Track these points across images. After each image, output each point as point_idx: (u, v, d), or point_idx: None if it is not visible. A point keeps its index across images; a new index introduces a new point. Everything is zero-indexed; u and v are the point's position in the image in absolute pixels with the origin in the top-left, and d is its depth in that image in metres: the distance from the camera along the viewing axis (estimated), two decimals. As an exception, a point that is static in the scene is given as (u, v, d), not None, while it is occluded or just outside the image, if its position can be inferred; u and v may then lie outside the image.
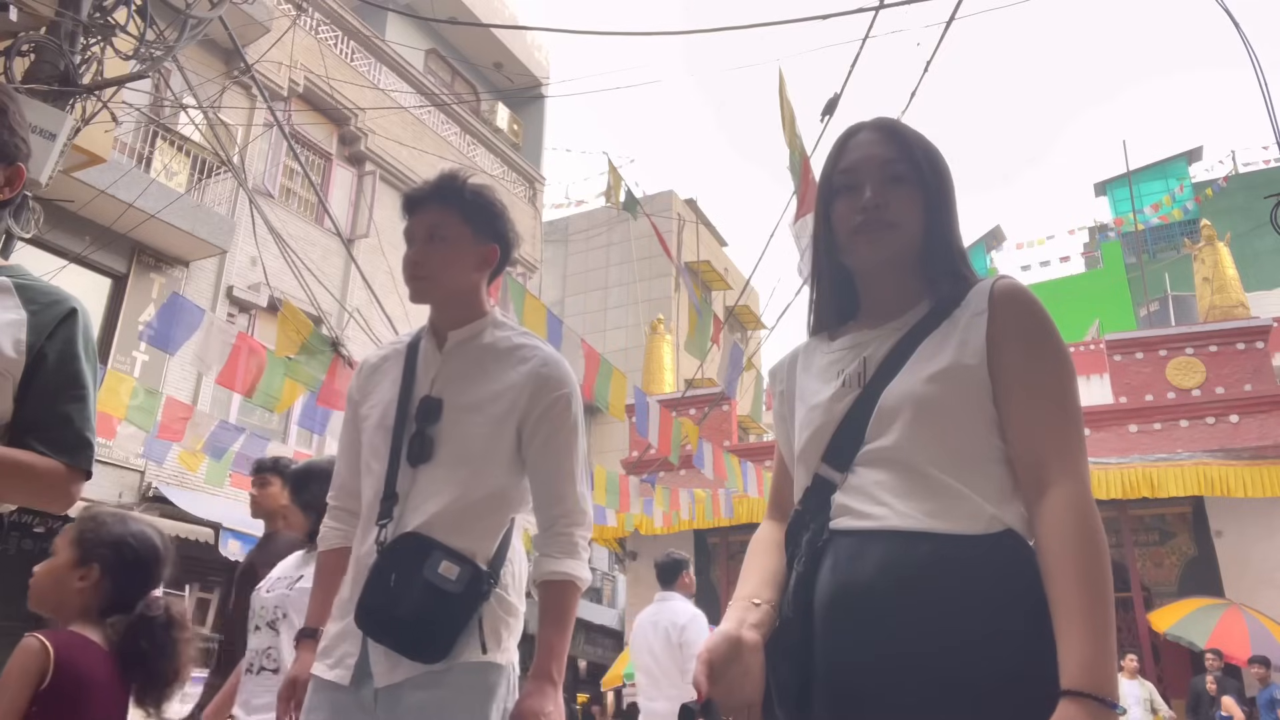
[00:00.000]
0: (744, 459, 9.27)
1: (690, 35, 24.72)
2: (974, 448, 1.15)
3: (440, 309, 1.83)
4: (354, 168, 13.96)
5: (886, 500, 1.14)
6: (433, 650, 1.60)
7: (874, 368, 1.25)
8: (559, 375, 1.77)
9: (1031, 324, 1.18)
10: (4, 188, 1.39)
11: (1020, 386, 1.15)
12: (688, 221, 23.96)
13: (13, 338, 1.31)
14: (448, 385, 1.77)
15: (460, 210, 1.79)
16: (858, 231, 1.28)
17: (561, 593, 1.70)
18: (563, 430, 1.75)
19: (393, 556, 1.64)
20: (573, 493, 1.74)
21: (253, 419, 11.04)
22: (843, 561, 1.14)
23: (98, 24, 4.86)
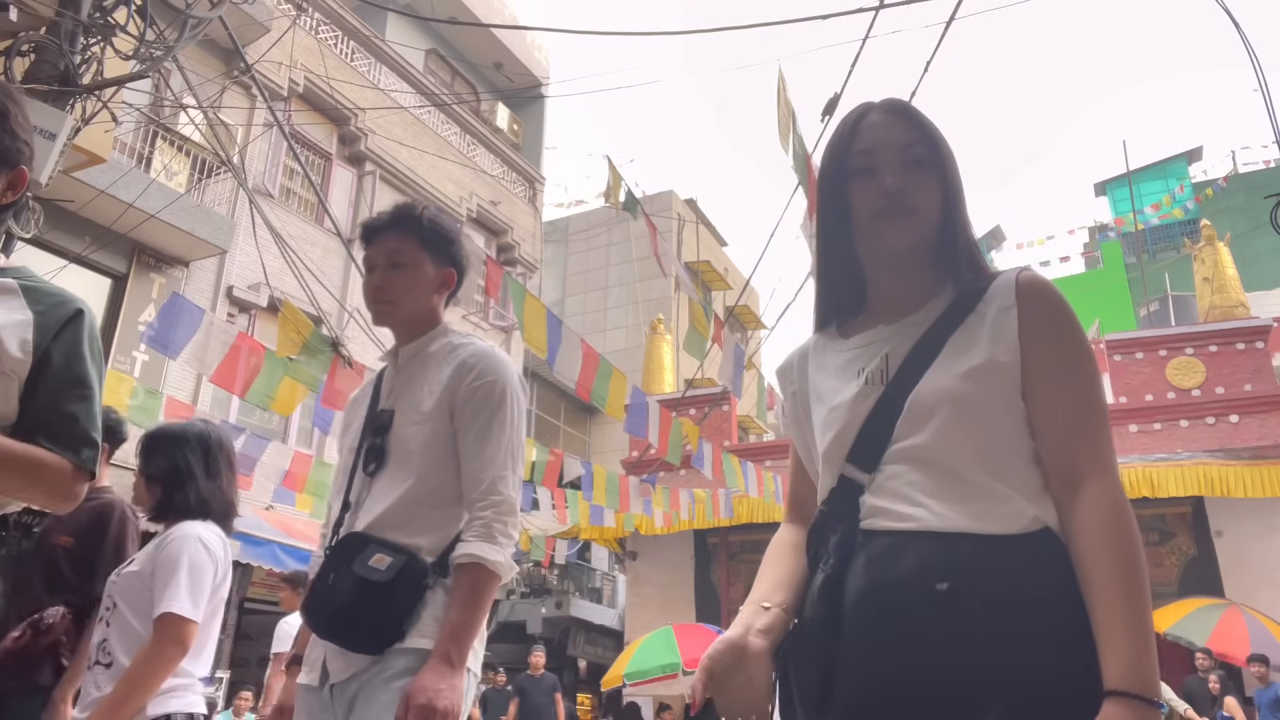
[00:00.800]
0: (744, 459, 9.28)
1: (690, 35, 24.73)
2: (1008, 446, 1.13)
3: (401, 330, 1.93)
4: (354, 168, 13.96)
5: (922, 501, 1.11)
6: (367, 640, 1.64)
7: (897, 364, 1.21)
8: (485, 364, 1.82)
9: (1059, 319, 1.15)
10: (7, 191, 1.39)
11: (1050, 382, 1.13)
12: (688, 221, 23.96)
13: (19, 338, 1.32)
14: (398, 396, 1.87)
15: (419, 237, 1.89)
16: (879, 217, 1.23)
17: (469, 575, 1.66)
18: (483, 414, 1.77)
19: (334, 556, 1.72)
20: (490, 476, 1.74)
21: (253, 419, 11.04)
22: (878, 563, 1.11)
23: (98, 24, 4.86)
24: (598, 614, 18.80)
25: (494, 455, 1.76)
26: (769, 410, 7.41)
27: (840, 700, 1.09)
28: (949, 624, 1.03)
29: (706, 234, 25.61)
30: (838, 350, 1.31)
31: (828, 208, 1.30)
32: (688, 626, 11.96)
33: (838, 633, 1.10)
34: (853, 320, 1.33)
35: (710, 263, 23.96)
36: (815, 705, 1.11)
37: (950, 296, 1.24)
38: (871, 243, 1.26)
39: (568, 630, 17.89)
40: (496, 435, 1.77)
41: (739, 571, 13.51)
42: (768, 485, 9.53)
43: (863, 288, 1.32)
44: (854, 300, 1.33)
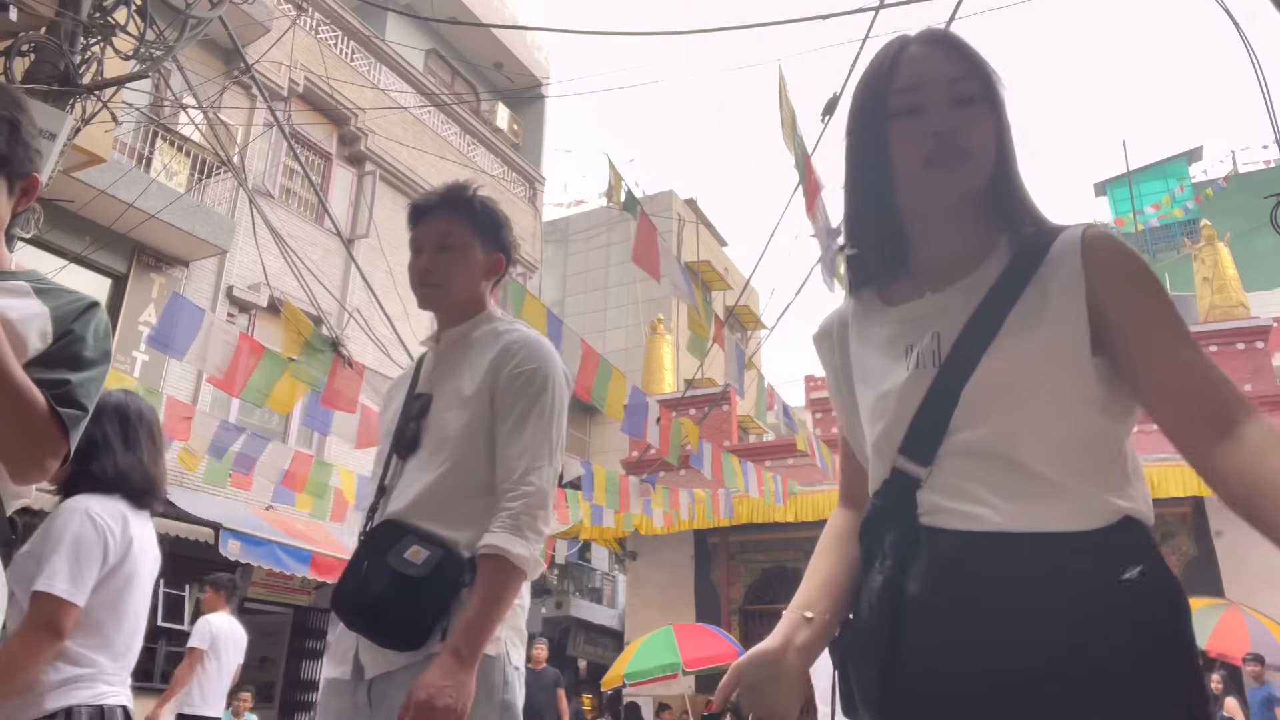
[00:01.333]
0: (744, 459, 9.27)
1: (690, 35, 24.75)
2: (1079, 432, 1.02)
3: (446, 315, 1.87)
4: (354, 168, 13.96)
5: (987, 499, 1.01)
6: (399, 636, 1.57)
7: (950, 343, 1.08)
8: (529, 351, 1.75)
9: (1139, 276, 1.03)
10: (22, 199, 1.43)
11: (1158, 344, 1.00)
12: (688, 221, 23.96)
13: (39, 329, 1.35)
14: (437, 381, 1.81)
15: (470, 220, 1.83)
16: (931, 163, 1.08)
17: (491, 568, 1.57)
18: (522, 402, 1.70)
19: (368, 544, 1.65)
20: (524, 466, 1.65)
21: (253, 419, 11.04)
22: (942, 566, 1.02)
23: (98, 24, 4.86)
24: (598, 614, 18.81)
25: (530, 444, 1.67)
26: (768, 410, 7.40)
27: (904, 700, 1.03)
28: (1018, 627, 0.96)
29: (706, 234, 25.60)
30: (881, 321, 1.18)
31: (863, 155, 1.15)
32: (688, 626, 11.95)
33: (899, 635, 1.03)
34: (895, 283, 1.19)
35: (710, 263, 23.96)
36: (878, 703, 1.06)
37: (1006, 256, 1.10)
38: (918, 193, 1.12)
39: (568, 630, 17.91)
40: (534, 424, 1.69)
41: (739, 571, 13.51)
42: (768, 485, 9.53)
43: (904, 245, 1.18)
44: (895, 259, 1.18)
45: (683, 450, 7.36)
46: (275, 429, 11.33)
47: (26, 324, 1.33)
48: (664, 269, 5.01)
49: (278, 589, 11.50)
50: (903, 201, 1.14)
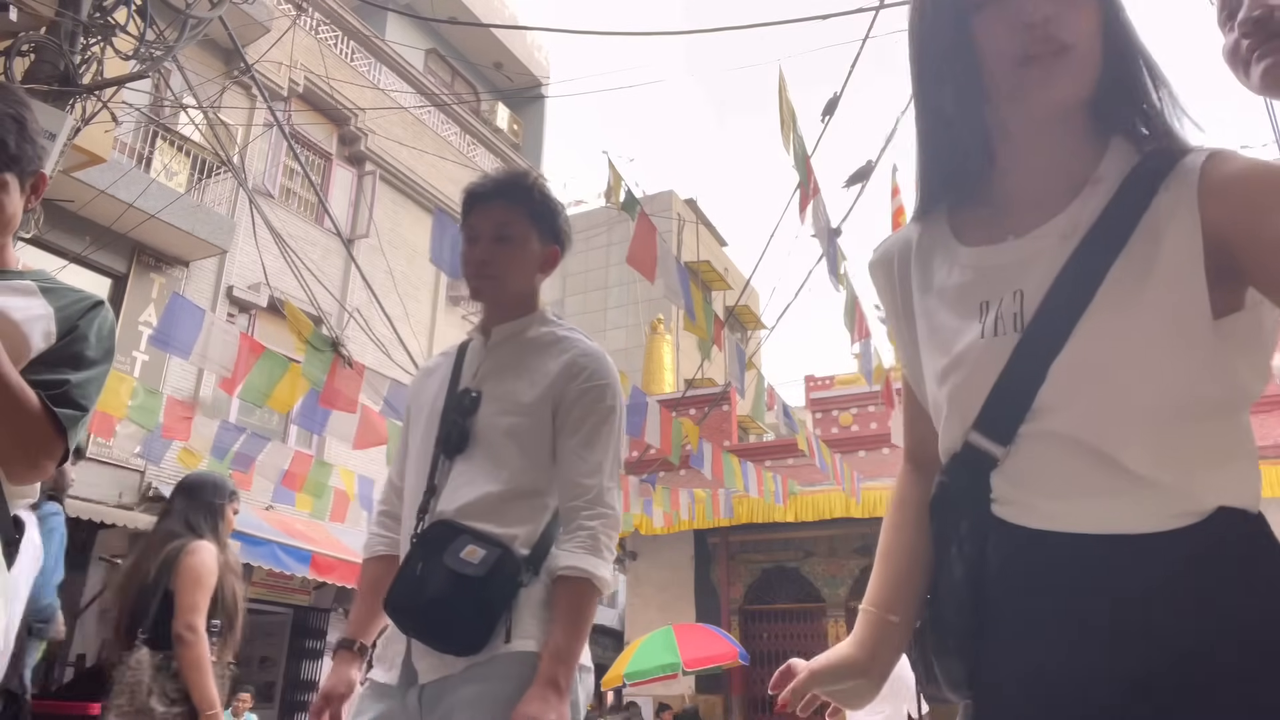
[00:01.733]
0: (744, 459, 9.28)
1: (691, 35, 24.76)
2: (1185, 414, 0.87)
3: (497, 308, 1.81)
4: (354, 168, 13.96)
5: (1067, 494, 0.90)
6: (459, 640, 1.52)
7: (1036, 305, 0.91)
8: (596, 366, 1.71)
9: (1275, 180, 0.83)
10: (31, 196, 1.44)
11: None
12: (688, 221, 23.97)
13: (43, 330, 1.36)
14: (488, 378, 1.75)
15: (528, 210, 1.77)
16: (1029, 62, 0.89)
17: (575, 591, 1.56)
18: (591, 420, 1.67)
19: (422, 546, 1.60)
20: (598, 486, 1.63)
21: (252, 419, 11.05)
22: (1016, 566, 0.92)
23: (98, 24, 4.86)
24: (598, 614, 18.76)
25: (601, 463, 1.65)
26: (768, 410, 7.40)
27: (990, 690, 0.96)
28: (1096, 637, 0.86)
29: (706, 234, 25.61)
30: (952, 261, 1.01)
31: (939, 52, 0.97)
32: (688, 626, 11.95)
33: (979, 632, 0.95)
34: (972, 211, 1.01)
35: (710, 263, 23.96)
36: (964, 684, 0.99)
37: (1110, 189, 0.91)
38: (1014, 102, 0.93)
39: (568, 630, 17.86)
40: (604, 443, 1.67)
41: (739, 571, 13.51)
42: (768, 485, 9.53)
43: (986, 163, 0.99)
44: (973, 180, 1.00)
45: (683, 450, 7.36)
46: (275, 429, 11.33)
47: (30, 324, 1.34)
48: (661, 271, 5.01)
49: (278, 589, 11.50)
50: (989, 115, 0.96)
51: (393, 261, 12.80)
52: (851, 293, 6.30)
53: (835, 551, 12.91)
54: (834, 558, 12.94)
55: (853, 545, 12.68)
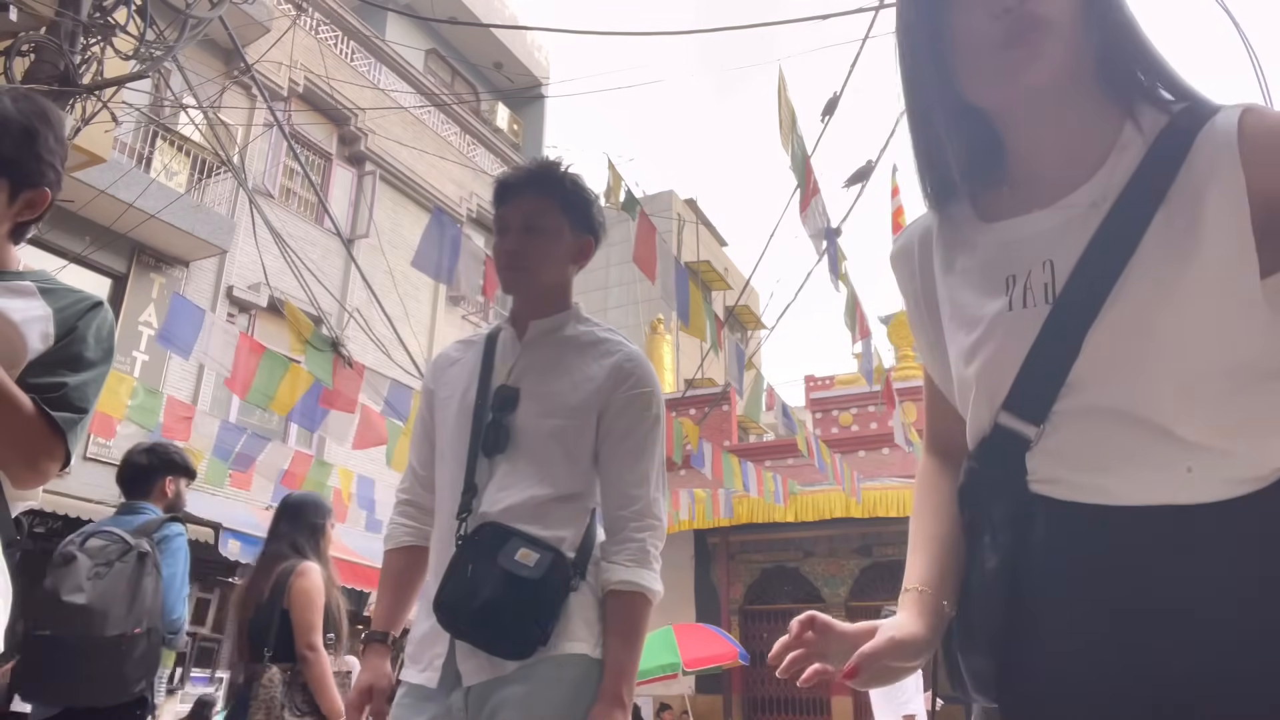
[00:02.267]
0: (744, 459, 9.28)
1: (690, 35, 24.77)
2: (1241, 379, 0.82)
3: (529, 301, 1.77)
4: (354, 168, 13.96)
5: (1116, 466, 0.84)
6: (513, 642, 1.50)
7: (1066, 274, 0.87)
8: (642, 373, 1.69)
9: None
10: (24, 210, 1.41)
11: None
12: (688, 222, 23.97)
13: (41, 331, 1.35)
14: (526, 375, 1.70)
15: (560, 200, 1.73)
16: (1013, 44, 0.87)
17: (630, 605, 1.56)
18: (640, 428, 1.66)
19: (471, 547, 1.57)
20: (646, 497, 1.63)
21: (252, 419, 11.05)
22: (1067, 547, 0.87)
23: (98, 24, 4.86)
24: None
25: (648, 473, 1.64)
26: (767, 410, 7.41)
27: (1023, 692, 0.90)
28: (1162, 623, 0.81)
29: (706, 234, 25.61)
30: (974, 240, 0.97)
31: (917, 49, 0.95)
32: (688, 626, 11.95)
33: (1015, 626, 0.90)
34: (991, 191, 0.97)
35: (710, 263, 23.96)
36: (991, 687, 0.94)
37: (1138, 153, 0.87)
38: (1001, 85, 0.91)
39: (568, 630, 17.88)
40: (651, 452, 1.66)
41: (739, 571, 13.51)
42: (768, 485, 9.53)
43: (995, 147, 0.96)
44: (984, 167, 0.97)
45: (683, 450, 7.36)
46: (275, 429, 11.33)
47: (28, 325, 1.33)
48: (660, 271, 5.01)
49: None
50: (982, 99, 0.94)
51: (393, 261, 12.79)
52: (852, 292, 6.30)
53: (835, 551, 12.91)
54: (834, 558, 12.94)
55: (853, 545, 12.68)
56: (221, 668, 10.35)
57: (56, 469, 1.33)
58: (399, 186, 14.31)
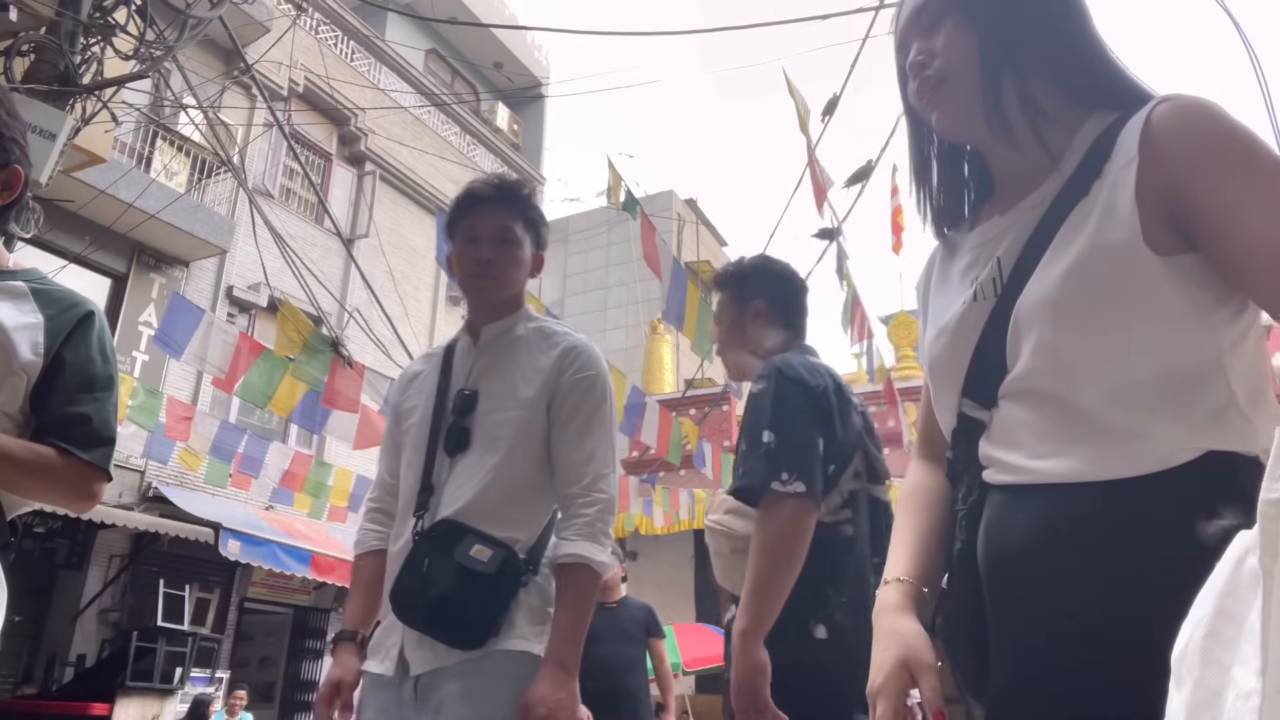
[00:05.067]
0: (744, 459, 9.26)
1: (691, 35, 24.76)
2: (1145, 354, 0.86)
3: (490, 308, 1.88)
4: (354, 168, 13.96)
5: (1032, 445, 0.90)
6: (465, 634, 1.58)
7: (1010, 268, 0.95)
8: (588, 358, 1.79)
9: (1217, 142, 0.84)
10: (1, 191, 1.38)
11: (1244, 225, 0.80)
12: (688, 222, 23.97)
13: (30, 340, 1.32)
14: (483, 377, 1.81)
15: (523, 217, 1.88)
16: (917, 97, 1.03)
17: (574, 576, 1.63)
18: (584, 409, 1.74)
19: (427, 542, 1.65)
20: (592, 473, 1.70)
21: (253, 419, 11.05)
22: (994, 525, 0.92)
23: (98, 24, 4.86)
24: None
25: (595, 451, 1.72)
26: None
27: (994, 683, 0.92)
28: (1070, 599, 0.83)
29: (706, 234, 25.61)
30: (961, 249, 1.07)
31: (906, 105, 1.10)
32: (688, 626, 11.95)
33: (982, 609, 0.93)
34: (983, 205, 1.09)
35: (710, 263, 23.96)
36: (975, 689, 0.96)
37: (1081, 153, 0.95)
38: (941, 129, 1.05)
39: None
40: (597, 430, 1.74)
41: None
42: (768, 485, 9.52)
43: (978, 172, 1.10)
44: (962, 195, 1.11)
45: (683, 450, 7.36)
46: (275, 429, 11.34)
47: (18, 333, 1.32)
48: (659, 273, 5.02)
49: (278, 589, 11.50)
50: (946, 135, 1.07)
51: (393, 261, 12.80)
52: (853, 291, 6.30)
53: (835, 551, 12.90)
54: (834, 558, 12.93)
55: (853, 545, 12.66)
56: (221, 667, 10.34)
57: (105, 490, 1.38)
58: (399, 186, 14.31)
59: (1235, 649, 0.58)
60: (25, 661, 9.18)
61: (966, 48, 0.98)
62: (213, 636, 10.21)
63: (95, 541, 9.58)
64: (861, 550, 1.91)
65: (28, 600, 8.89)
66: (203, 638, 9.75)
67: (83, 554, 9.56)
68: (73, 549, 9.52)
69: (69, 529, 9.20)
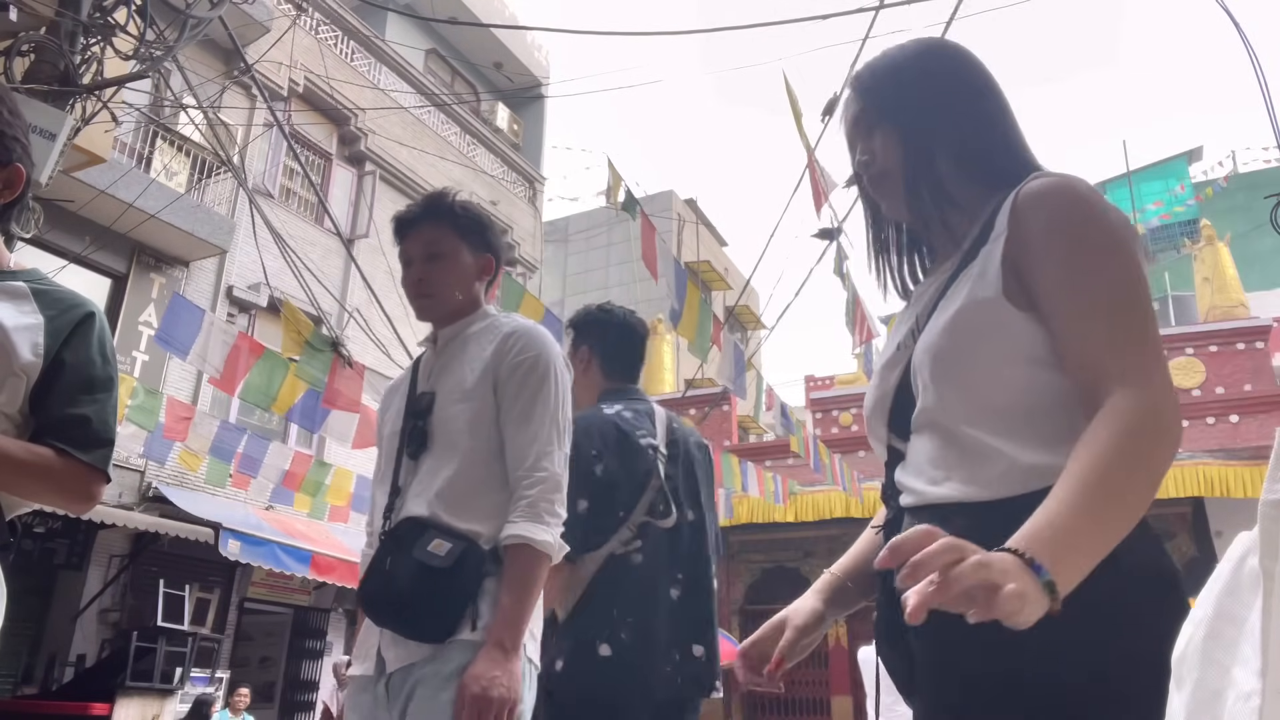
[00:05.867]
0: (744, 459, 9.27)
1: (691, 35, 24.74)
2: (1009, 393, 0.99)
3: (442, 321, 1.90)
4: (354, 168, 13.96)
5: (926, 469, 1.04)
6: (424, 627, 1.60)
7: (922, 322, 1.12)
8: (527, 340, 1.78)
9: (1057, 218, 0.99)
10: (3, 190, 1.38)
11: (1057, 299, 0.97)
12: (688, 222, 23.97)
13: (30, 341, 1.32)
14: (439, 378, 1.83)
15: (453, 226, 1.87)
16: (871, 189, 1.21)
17: (515, 558, 1.62)
18: (526, 390, 1.73)
19: (391, 541, 1.68)
20: (534, 453, 1.69)
21: (252, 419, 11.05)
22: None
23: (98, 24, 4.86)
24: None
25: (538, 431, 1.71)
26: (766, 410, 7.40)
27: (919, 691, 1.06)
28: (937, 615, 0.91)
29: (706, 234, 25.61)
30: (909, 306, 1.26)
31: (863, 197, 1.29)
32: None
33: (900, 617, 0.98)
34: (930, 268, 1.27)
35: (710, 263, 23.96)
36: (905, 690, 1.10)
37: (977, 232, 1.11)
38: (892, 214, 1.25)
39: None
40: (541, 411, 1.72)
41: (739, 571, 13.49)
42: (768, 485, 9.53)
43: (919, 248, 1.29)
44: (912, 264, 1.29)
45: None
46: (275, 429, 11.34)
47: (18, 333, 1.31)
48: (661, 272, 5.01)
49: (278, 589, 11.50)
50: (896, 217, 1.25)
51: (393, 261, 12.68)
52: (853, 292, 6.30)
53: (835, 551, 12.87)
54: (834, 558, 12.80)
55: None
56: (221, 667, 10.34)
57: (103, 492, 1.39)
58: (399, 186, 14.30)
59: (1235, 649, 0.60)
60: (25, 661, 9.19)
61: (895, 146, 1.16)
62: (213, 636, 10.21)
63: (95, 541, 9.58)
64: (651, 575, 2.13)
65: (28, 600, 8.89)
66: (203, 638, 9.75)
67: (83, 554, 9.56)
68: (73, 549, 9.52)
69: (69, 529, 9.20)
